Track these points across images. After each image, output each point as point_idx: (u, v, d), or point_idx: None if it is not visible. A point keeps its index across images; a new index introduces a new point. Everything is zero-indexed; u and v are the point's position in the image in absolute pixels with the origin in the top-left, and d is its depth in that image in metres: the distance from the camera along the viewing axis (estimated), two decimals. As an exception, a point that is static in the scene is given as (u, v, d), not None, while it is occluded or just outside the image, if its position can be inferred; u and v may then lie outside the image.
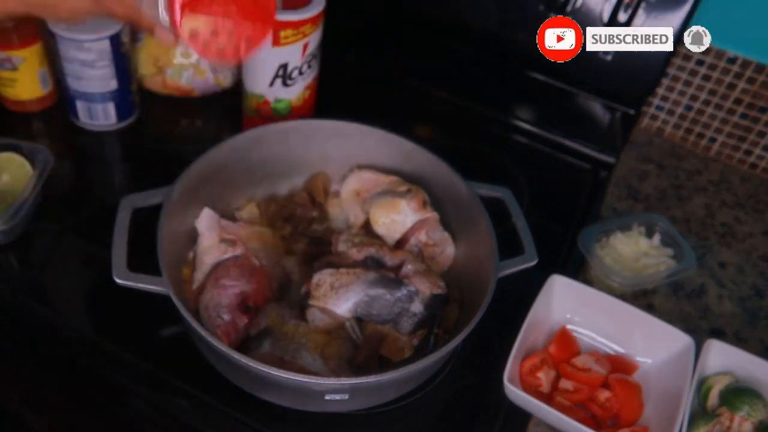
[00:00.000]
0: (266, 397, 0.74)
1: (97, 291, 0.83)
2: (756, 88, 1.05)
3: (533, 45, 0.82)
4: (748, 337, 0.90)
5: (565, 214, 1.02)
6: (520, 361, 0.78)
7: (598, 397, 0.78)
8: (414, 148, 0.89)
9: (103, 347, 0.78)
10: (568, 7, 0.98)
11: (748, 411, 0.75)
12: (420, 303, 0.76)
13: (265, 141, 0.88)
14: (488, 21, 1.04)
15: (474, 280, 0.82)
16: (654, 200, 1.06)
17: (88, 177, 1.00)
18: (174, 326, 0.80)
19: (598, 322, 0.84)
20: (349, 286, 0.76)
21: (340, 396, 0.71)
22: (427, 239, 0.86)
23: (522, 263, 0.79)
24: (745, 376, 0.79)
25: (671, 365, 0.79)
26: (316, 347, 0.75)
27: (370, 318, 0.77)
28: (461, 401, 0.79)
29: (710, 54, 1.04)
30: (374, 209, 0.86)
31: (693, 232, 1.02)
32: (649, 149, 1.15)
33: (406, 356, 0.78)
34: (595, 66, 1.01)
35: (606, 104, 1.07)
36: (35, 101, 1.01)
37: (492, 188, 0.86)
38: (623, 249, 0.93)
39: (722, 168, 1.13)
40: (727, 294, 0.95)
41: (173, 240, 0.78)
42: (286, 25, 0.86)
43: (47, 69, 0.99)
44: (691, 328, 0.89)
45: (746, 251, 1.01)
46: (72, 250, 0.88)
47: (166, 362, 0.77)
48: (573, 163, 1.12)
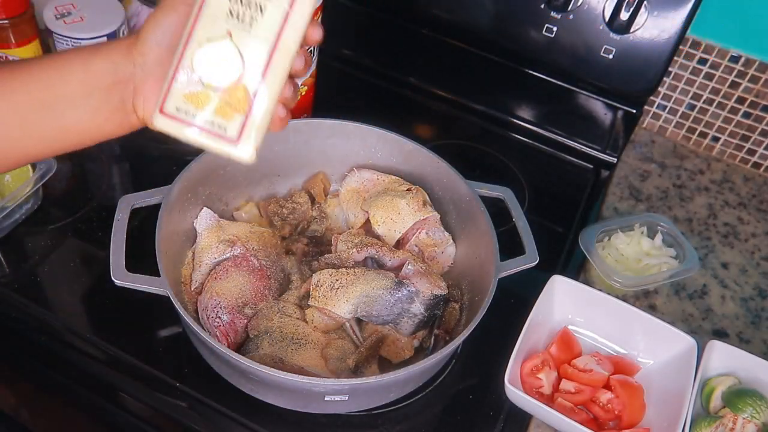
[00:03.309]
0: (265, 398, 0.73)
1: (95, 291, 0.83)
2: (759, 87, 1.04)
3: (534, 44, 0.82)
4: (750, 338, 0.90)
5: (566, 214, 1.02)
6: (521, 362, 0.78)
7: (599, 399, 0.77)
8: (414, 148, 0.89)
9: (102, 348, 0.77)
10: (569, 7, 0.97)
11: (752, 412, 0.75)
12: (420, 303, 0.76)
13: (264, 140, 0.88)
14: (489, 20, 1.04)
15: (474, 280, 0.81)
16: (656, 200, 1.06)
17: (86, 177, 1.00)
18: (173, 327, 0.79)
19: (599, 322, 0.84)
20: (349, 287, 0.76)
21: (340, 397, 0.70)
22: (428, 239, 0.86)
23: (523, 263, 0.78)
24: (748, 378, 0.79)
25: (673, 366, 0.79)
26: (315, 348, 0.75)
27: (370, 319, 0.77)
28: (462, 402, 0.78)
29: (713, 53, 1.04)
30: (374, 209, 0.86)
31: (695, 232, 1.02)
32: (651, 149, 1.14)
33: (406, 357, 0.78)
34: (597, 65, 1.00)
35: (607, 103, 1.07)
36: (34, 100, 1.01)
37: (492, 188, 0.86)
38: (625, 249, 0.93)
39: (725, 168, 1.13)
40: (729, 295, 0.94)
41: (172, 240, 0.78)
42: None
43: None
44: (694, 329, 0.89)
45: (749, 251, 1.00)
46: (70, 251, 0.87)
47: (165, 363, 0.76)
48: (574, 162, 1.12)
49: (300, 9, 0.50)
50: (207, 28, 0.51)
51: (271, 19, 0.50)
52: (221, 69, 0.51)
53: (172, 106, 0.52)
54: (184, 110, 0.52)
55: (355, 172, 0.91)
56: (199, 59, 0.51)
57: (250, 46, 0.51)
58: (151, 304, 0.72)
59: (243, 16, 0.50)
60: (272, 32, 0.51)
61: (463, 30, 1.08)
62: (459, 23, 1.07)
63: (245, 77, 0.51)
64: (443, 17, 1.08)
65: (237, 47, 0.51)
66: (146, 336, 0.79)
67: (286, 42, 0.51)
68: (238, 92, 0.52)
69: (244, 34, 0.51)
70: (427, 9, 1.08)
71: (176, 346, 0.78)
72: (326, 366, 0.74)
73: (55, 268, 0.84)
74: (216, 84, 0.51)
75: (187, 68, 0.51)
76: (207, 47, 0.51)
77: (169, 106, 0.52)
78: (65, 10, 0.92)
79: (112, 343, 0.77)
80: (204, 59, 0.51)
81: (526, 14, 1.01)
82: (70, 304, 0.82)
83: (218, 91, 0.51)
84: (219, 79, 0.51)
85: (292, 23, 0.51)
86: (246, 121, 0.52)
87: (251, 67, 0.51)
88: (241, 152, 0.53)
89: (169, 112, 0.52)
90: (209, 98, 0.52)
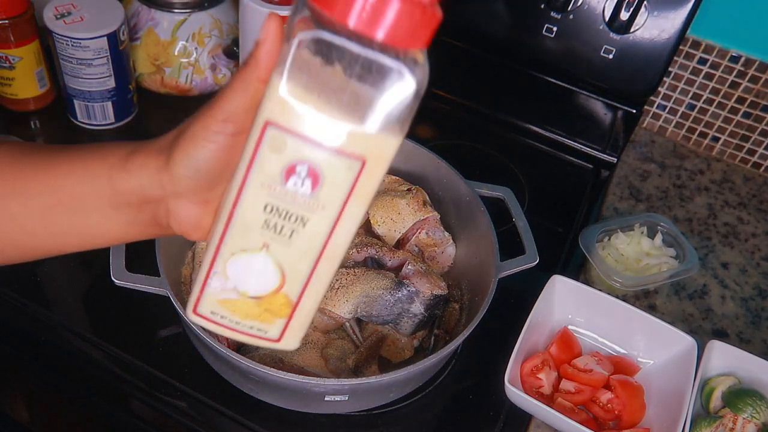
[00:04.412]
0: (265, 398, 0.73)
1: (95, 291, 0.83)
2: (759, 86, 1.04)
3: (534, 44, 0.82)
4: (751, 337, 0.90)
5: (566, 214, 1.02)
6: (521, 362, 0.78)
7: (599, 399, 0.77)
8: (414, 148, 0.89)
9: (102, 348, 0.77)
10: (569, 7, 0.97)
11: (752, 412, 0.75)
12: (420, 303, 0.76)
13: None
14: (489, 20, 1.04)
15: (474, 280, 0.81)
16: (656, 200, 1.06)
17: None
18: (173, 327, 0.79)
19: (599, 322, 0.84)
20: (349, 287, 0.76)
21: (340, 397, 0.70)
22: (428, 239, 0.86)
23: (523, 263, 0.78)
24: (748, 378, 0.79)
25: (673, 366, 0.79)
26: (315, 348, 0.75)
27: (370, 319, 0.77)
28: (462, 402, 0.78)
29: (713, 53, 1.04)
30: (374, 209, 0.86)
31: (695, 232, 1.02)
32: (651, 149, 1.14)
33: (406, 357, 0.78)
34: (597, 65, 1.00)
35: (607, 103, 1.07)
36: (33, 100, 1.01)
37: (492, 188, 0.86)
38: (625, 249, 0.93)
39: (725, 168, 1.13)
40: (729, 294, 0.94)
41: (172, 240, 0.77)
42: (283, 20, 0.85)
43: (44, 68, 0.99)
44: (694, 329, 0.89)
45: (749, 251, 1.00)
46: (70, 250, 0.87)
47: (165, 363, 0.76)
48: (574, 162, 1.12)
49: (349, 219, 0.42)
50: (240, 238, 0.43)
51: (314, 231, 0.43)
52: (258, 280, 0.45)
53: (207, 310, 0.46)
54: (219, 314, 0.46)
55: (355, 172, 0.91)
56: (233, 269, 0.44)
57: (291, 259, 0.44)
58: (151, 304, 0.72)
59: (281, 229, 0.43)
60: (316, 244, 0.43)
61: (463, 30, 1.08)
62: (459, 23, 1.07)
63: (286, 287, 0.45)
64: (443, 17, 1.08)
65: (276, 260, 0.44)
66: (146, 336, 0.79)
67: (332, 252, 0.44)
68: (279, 299, 0.46)
69: (283, 248, 0.43)
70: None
71: (176, 346, 0.78)
72: (326, 366, 0.74)
73: (55, 268, 0.84)
74: (253, 293, 0.45)
75: (220, 275, 0.45)
76: (241, 257, 0.44)
77: (204, 309, 0.46)
78: (65, 10, 0.92)
79: (112, 343, 0.77)
80: (238, 269, 0.44)
81: (526, 14, 1.01)
82: (70, 304, 0.82)
83: (256, 299, 0.45)
84: (256, 289, 0.45)
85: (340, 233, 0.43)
86: (288, 323, 0.46)
87: (293, 279, 0.45)
88: (285, 347, 0.48)
89: (203, 314, 0.46)
90: (246, 306, 0.46)
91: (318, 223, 0.42)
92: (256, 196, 0.41)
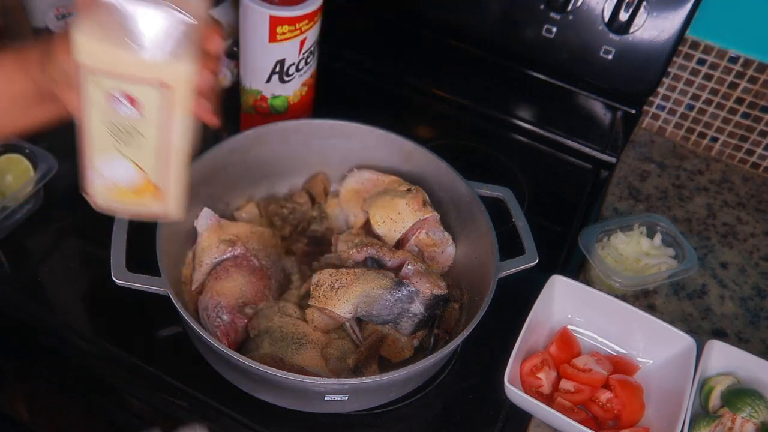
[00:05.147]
0: (266, 397, 0.74)
1: (96, 291, 0.83)
2: (758, 87, 1.04)
3: (533, 44, 0.82)
4: (749, 337, 0.90)
5: (566, 214, 1.02)
6: (520, 362, 0.78)
7: (599, 398, 0.77)
8: (414, 148, 0.89)
9: (102, 347, 0.78)
10: (568, 7, 0.97)
11: (750, 412, 0.75)
12: (420, 303, 0.76)
13: (264, 141, 0.88)
14: (488, 20, 1.04)
15: (474, 280, 0.81)
16: (655, 200, 1.06)
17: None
18: (173, 327, 0.79)
19: (599, 322, 0.84)
20: (349, 287, 0.76)
21: (340, 397, 0.70)
22: (428, 239, 0.86)
23: (522, 263, 0.78)
24: (747, 377, 0.79)
25: (672, 366, 0.79)
26: (315, 348, 0.75)
27: (370, 318, 0.77)
28: (461, 402, 0.79)
29: (712, 53, 1.04)
30: (374, 209, 0.86)
31: (694, 232, 1.02)
32: (651, 149, 1.14)
33: (406, 357, 0.78)
34: (596, 65, 1.00)
35: (607, 103, 1.07)
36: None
37: (492, 188, 0.86)
38: (624, 249, 0.93)
39: (724, 168, 1.13)
40: (728, 294, 0.94)
41: (172, 240, 0.78)
42: (283, 21, 0.86)
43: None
44: (693, 329, 0.89)
45: (748, 251, 1.00)
46: (71, 250, 0.87)
47: (165, 363, 0.76)
48: (574, 162, 1.12)
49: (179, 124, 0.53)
50: (96, 140, 0.55)
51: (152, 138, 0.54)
52: (124, 175, 0.56)
53: (102, 200, 0.59)
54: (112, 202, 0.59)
55: (355, 172, 0.91)
56: (102, 166, 0.56)
57: (144, 158, 0.55)
58: (152, 304, 0.72)
59: (126, 138, 0.54)
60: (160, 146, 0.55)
61: (463, 30, 1.08)
62: (459, 24, 1.07)
63: (150, 177, 0.56)
64: (443, 18, 1.08)
65: (131, 160, 0.56)
66: (146, 336, 0.80)
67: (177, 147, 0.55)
68: (149, 187, 0.57)
69: (134, 150, 0.55)
70: (427, 10, 1.08)
71: (176, 346, 0.78)
72: (326, 366, 0.74)
73: (56, 268, 0.85)
74: (127, 185, 0.57)
75: (96, 171, 0.56)
76: (103, 156, 0.55)
77: (100, 201, 0.59)
78: (66, 10, 0.92)
79: (113, 343, 0.78)
80: (105, 166, 0.56)
81: (526, 15, 1.01)
82: (71, 304, 0.82)
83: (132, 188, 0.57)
84: (127, 181, 0.57)
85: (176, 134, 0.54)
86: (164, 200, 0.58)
87: (151, 172, 0.56)
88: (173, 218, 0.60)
89: (102, 205, 0.59)
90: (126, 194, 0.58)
91: (153, 133, 0.54)
92: (94, 115, 0.53)
